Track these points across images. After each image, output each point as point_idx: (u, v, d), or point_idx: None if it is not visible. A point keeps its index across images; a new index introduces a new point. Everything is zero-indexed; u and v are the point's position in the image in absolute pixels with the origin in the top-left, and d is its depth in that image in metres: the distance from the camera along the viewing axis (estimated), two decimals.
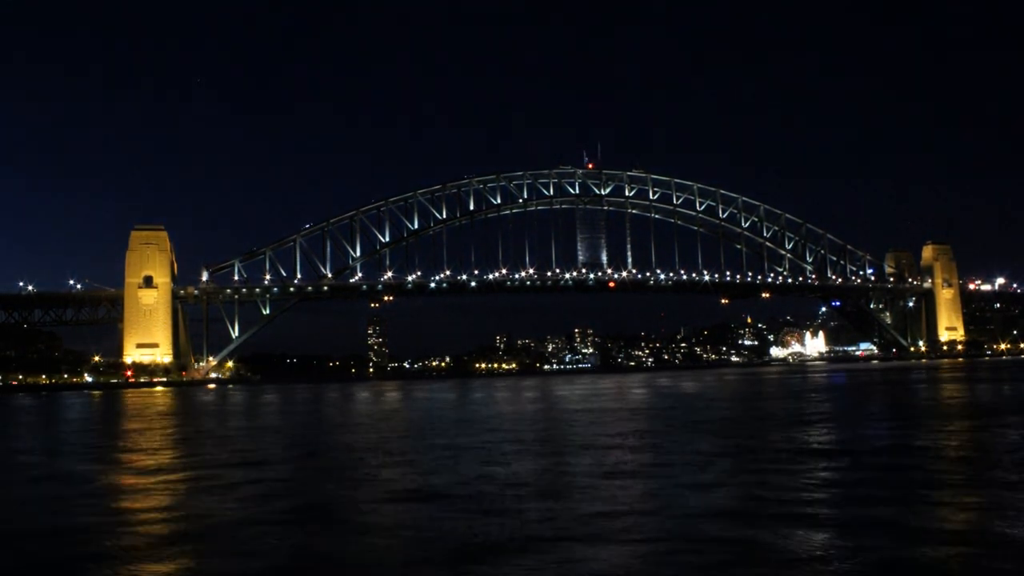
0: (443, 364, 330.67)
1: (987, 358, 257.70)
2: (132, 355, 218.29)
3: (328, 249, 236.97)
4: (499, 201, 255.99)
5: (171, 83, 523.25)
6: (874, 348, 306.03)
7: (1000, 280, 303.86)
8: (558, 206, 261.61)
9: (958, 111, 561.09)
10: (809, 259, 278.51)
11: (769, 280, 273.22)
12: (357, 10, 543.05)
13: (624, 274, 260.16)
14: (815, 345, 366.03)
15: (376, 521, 19.42)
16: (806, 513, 18.47)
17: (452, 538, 17.06)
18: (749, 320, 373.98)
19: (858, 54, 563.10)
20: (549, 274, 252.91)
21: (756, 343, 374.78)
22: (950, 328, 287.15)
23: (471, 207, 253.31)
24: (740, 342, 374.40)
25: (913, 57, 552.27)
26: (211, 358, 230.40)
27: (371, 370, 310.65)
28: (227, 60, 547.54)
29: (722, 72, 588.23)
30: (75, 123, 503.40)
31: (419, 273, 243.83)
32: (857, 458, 26.95)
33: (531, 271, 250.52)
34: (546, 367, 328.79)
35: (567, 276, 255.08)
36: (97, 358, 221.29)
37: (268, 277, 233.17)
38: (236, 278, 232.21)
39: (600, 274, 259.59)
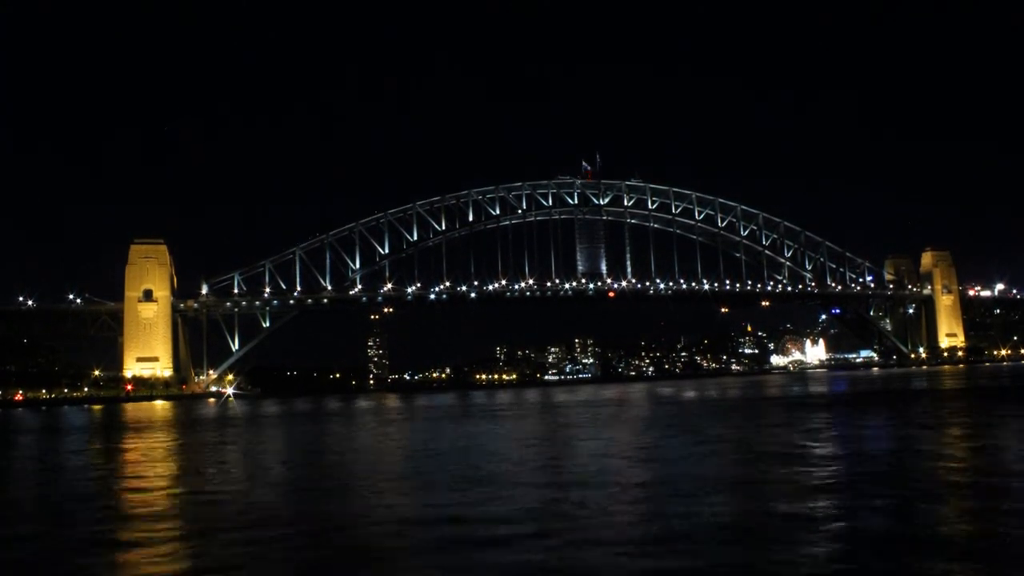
0: (443, 375, 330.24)
1: (987, 364, 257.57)
2: (132, 369, 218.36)
3: (328, 261, 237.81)
4: (498, 212, 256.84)
5: (169, 92, 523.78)
6: (874, 355, 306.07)
7: (1000, 286, 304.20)
8: (557, 216, 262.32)
9: (957, 115, 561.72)
10: (808, 267, 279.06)
11: (768, 288, 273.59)
12: (355, 21, 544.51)
13: (623, 284, 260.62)
14: (815, 353, 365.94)
15: None
16: None
17: None
18: (749, 328, 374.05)
19: (857, 60, 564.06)
20: (549, 284, 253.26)
21: (756, 351, 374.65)
22: (950, 334, 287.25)
23: (470, 218, 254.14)
24: (740, 350, 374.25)
25: (912, 62, 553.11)
26: (211, 371, 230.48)
27: (372, 382, 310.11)
28: (227, 69, 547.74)
29: (719, 81, 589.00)
30: (74, 134, 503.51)
31: (419, 284, 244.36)
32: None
33: (531, 281, 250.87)
34: (547, 377, 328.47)
35: (567, 286, 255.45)
36: (97, 372, 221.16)
37: (268, 290, 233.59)
38: (236, 291, 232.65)
39: (600, 284, 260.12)
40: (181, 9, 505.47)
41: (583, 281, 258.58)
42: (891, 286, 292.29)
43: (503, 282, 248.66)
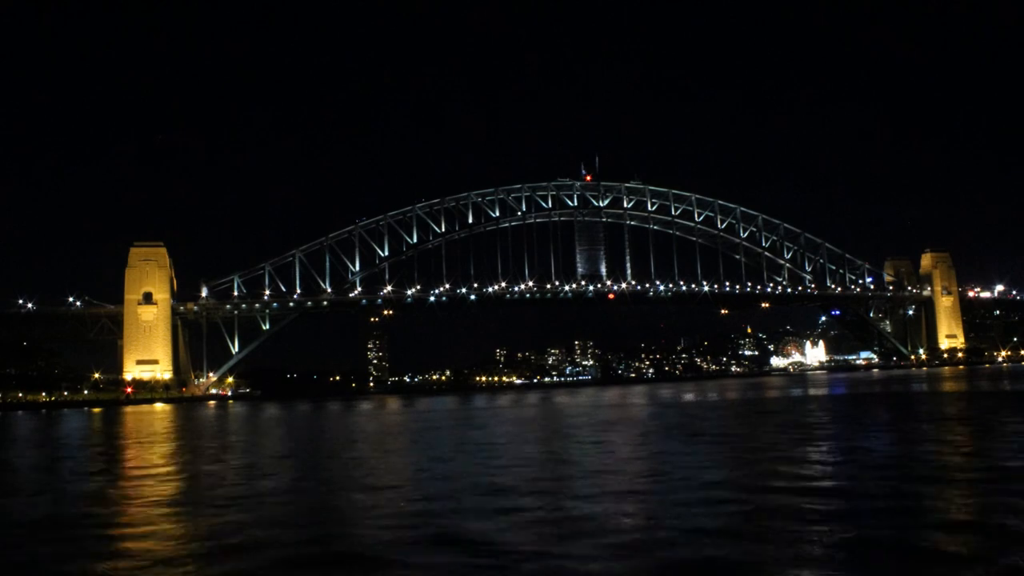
0: (443, 378, 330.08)
1: (987, 366, 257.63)
2: (132, 372, 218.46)
3: (327, 264, 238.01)
4: (498, 214, 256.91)
5: (169, 93, 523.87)
6: (874, 356, 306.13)
7: (999, 287, 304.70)
8: (557, 218, 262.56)
9: (957, 116, 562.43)
10: (808, 268, 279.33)
11: (768, 290, 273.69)
12: (355, 21, 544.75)
13: (623, 285, 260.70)
14: (815, 354, 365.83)
15: None
16: None
17: None
18: (749, 330, 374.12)
19: (856, 61, 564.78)
20: (548, 286, 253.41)
21: (756, 353, 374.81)
22: (950, 336, 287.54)
23: (470, 220, 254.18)
24: (740, 352, 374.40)
25: (912, 62, 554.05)
26: (211, 374, 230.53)
27: (372, 385, 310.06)
28: (227, 69, 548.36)
29: (718, 83, 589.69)
30: (74, 135, 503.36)
31: (418, 287, 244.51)
32: None
33: (530, 283, 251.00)
34: (547, 379, 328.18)
35: (566, 288, 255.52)
36: (97, 375, 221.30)
37: (268, 292, 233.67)
38: (236, 293, 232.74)
39: (599, 286, 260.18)
40: (181, 10, 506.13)
41: (583, 283, 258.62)
42: (891, 288, 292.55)
43: (503, 284, 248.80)
